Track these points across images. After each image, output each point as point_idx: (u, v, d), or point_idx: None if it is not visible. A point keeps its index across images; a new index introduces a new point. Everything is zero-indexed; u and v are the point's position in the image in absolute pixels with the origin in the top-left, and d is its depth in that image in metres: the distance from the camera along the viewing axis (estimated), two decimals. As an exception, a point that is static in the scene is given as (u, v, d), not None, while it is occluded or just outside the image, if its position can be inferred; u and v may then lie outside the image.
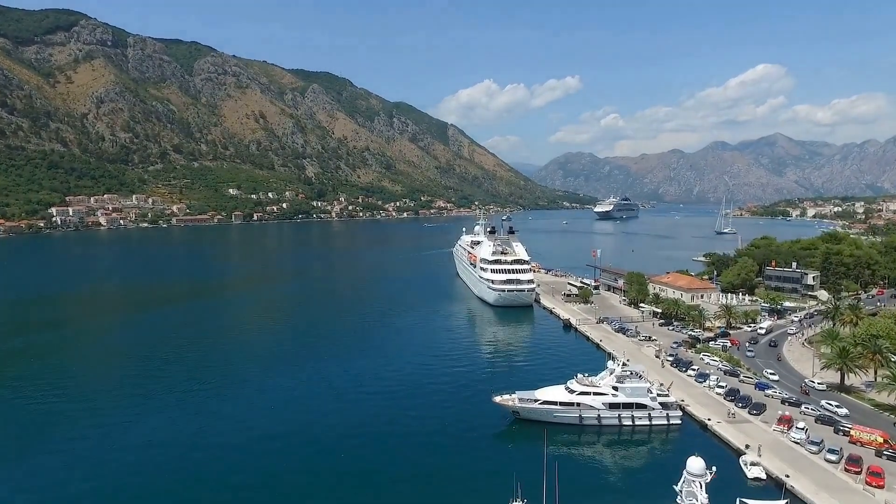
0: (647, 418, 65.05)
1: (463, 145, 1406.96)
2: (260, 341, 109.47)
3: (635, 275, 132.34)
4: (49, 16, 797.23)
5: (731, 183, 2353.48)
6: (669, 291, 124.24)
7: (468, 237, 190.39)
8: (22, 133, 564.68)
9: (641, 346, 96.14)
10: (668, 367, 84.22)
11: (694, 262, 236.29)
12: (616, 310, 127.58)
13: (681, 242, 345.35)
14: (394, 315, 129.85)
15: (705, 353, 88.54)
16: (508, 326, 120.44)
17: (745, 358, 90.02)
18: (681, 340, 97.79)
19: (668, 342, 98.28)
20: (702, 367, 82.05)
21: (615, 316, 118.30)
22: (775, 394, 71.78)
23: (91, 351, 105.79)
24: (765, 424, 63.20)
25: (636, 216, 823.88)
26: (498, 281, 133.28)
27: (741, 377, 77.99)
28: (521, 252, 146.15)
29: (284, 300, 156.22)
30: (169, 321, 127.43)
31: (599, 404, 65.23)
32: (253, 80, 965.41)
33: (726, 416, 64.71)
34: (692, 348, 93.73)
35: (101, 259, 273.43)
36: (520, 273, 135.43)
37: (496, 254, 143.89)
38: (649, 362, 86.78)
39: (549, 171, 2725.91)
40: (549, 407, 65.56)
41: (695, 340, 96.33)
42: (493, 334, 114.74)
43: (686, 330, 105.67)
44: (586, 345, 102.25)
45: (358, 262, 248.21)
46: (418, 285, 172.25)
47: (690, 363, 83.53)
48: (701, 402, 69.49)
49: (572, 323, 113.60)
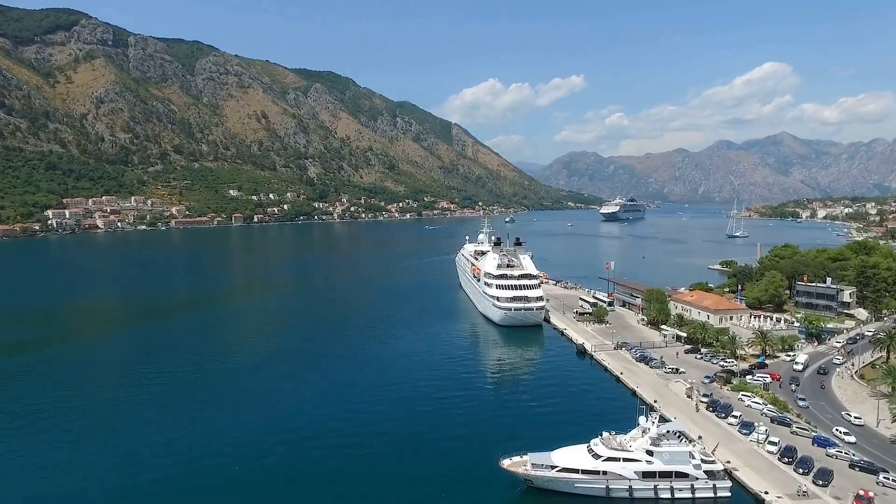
0: (689, 490, 53.63)
1: (467, 145, 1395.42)
2: (234, 369, 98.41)
3: (655, 291, 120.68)
4: (49, 15, 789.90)
5: (736, 182, 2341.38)
6: (694, 312, 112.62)
7: (471, 246, 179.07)
8: (20, 134, 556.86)
9: (669, 380, 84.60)
10: (703, 410, 72.74)
11: (710, 270, 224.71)
12: (634, 331, 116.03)
13: (693, 247, 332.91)
14: (390, 338, 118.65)
15: (744, 392, 76.86)
16: (515, 352, 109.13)
17: (790, 397, 78.10)
18: (713, 374, 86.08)
19: (698, 375, 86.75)
20: (744, 413, 70.41)
21: (634, 340, 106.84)
22: (841, 453, 59.91)
23: (89, 371, 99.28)
24: (837, 502, 51.57)
25: (642, 217, 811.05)
26: (504, 298, 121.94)
27: (794, 428, 66.26)
28: (528, 265, 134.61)
29: (275, 315, 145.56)
30: (159, 337, 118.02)
31: (631, 473, 53.86)
32: (255, 80, 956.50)
33: (789, 488, 52.64)
34: (727, 384, 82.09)
35: (93, 266, 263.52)
36: (528, 289, 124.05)
37: (502, 267, 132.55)
38: (680, 403, 75.37)
39: (554, 170, 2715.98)
40: (570, 476, 54.15)
41: (729, 374, 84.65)
42: (498, 363, 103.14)
43: (717, 359, 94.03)
44: (604, 377, 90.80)
45: (356, 269, 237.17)
46: (418, 299, 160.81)
47: (730, 407, 71.91)
48: (752, 466, 57.84)
49: (587, 349, 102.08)
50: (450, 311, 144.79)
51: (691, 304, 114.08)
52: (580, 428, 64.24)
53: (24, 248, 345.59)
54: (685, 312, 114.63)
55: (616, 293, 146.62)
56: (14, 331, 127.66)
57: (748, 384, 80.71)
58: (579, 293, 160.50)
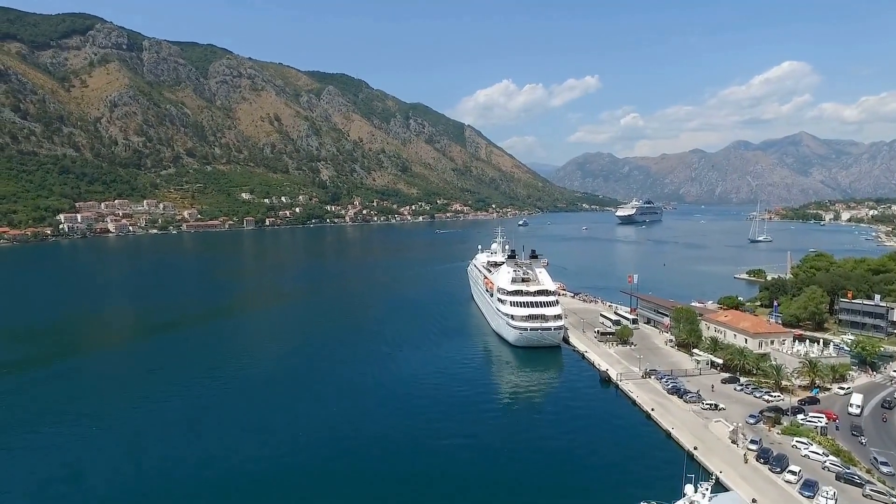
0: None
1: (480, 146, 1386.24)
2: (227, 387, 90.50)
3: (684, 310, 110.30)
4: (65, 20, 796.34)
5: (754, 183, 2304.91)
6: (729, 334, 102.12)
7: (484, 256, 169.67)
8: (34, 138, 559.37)
9: (708, 419, 74.54)
10: (752, 461, 62.75)
11: (736, 280, 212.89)
12: (662, 354, 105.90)
13: (715, 253, 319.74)
14: (395, 360, 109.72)
15: (798, 438, 66.65)
16: (531, 377, 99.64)
17: (855, 447, 67.26)
18: (759, 412, 75.76)
19: (741, 413, 76.58)
20: (803, 467, 60.20)
21: (664, 366, 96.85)
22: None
23: (101, 385, 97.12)
24: None
25: (659, 220, 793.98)
26: (519, 317, 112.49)
27: (867, 490, 55.95)
28: (545, 280, 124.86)
29: (275, 333, 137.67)
30: (169, 350, 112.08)
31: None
32: (268, 83, 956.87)
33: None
34: (776, 425, 71.89)
35: (102, 273, 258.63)
36: (545, 307, 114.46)
37: (516, 282, 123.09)
38: (724, 451, 65.44)
39: (568, 171, 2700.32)
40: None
41: (778, 413, 74.38)
42: (511, 391, 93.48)
43: (759, 392, 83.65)
44: (633, 412, 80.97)
45: (364, 278, 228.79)
46: (427, 314, 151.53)
47: (784, 458, 61.73)
48: (822, 544, 48.17)
49: (611, 376, 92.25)
50: (460, 328, 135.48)
51: (726, 326, 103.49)
52: (608, 480, 54.85)
53: (35, 253, 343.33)
54: (719, 334, 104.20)
55: (640, 308, 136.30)
56: (21, 344, 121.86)
57: (802, 427, 70.38)
58: (600, 308, 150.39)
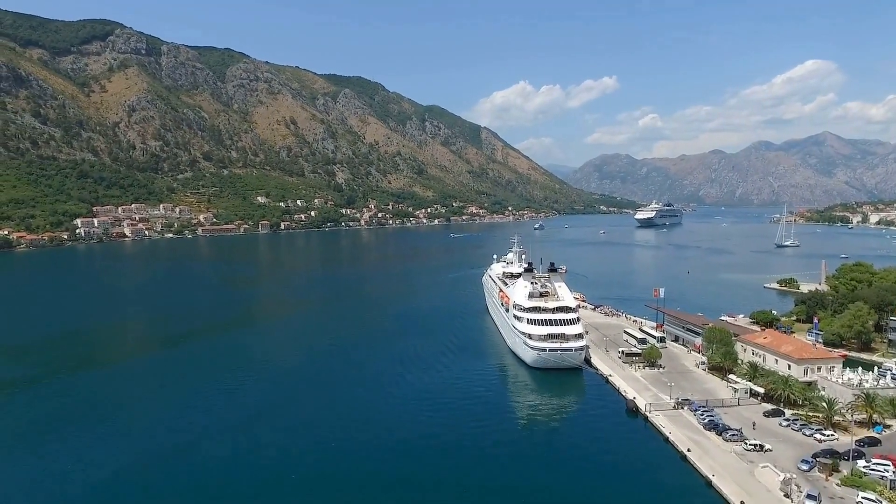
0: None
1: (496, 148, 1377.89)
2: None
3: (717, 330, 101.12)
4: (86, 26, 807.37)
5: (776, 184, 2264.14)
6: (769, 359, 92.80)
7: (499, 266, 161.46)
8: (54, 143, 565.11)
9: (753, 463, 65.76)
10: (810, 520, 54.19)
11: (766, 290, 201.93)
12: (694, 379, 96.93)
13: (741, 260, 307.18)
14: (403, 383, 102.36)
15: (864, 493, 57.57)
16: (550, 404, 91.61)
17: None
18: (811, 456, 66.66)
19: (791, 457, 67.60)
20: (872, 532, 51.61)
21: (697, 393, 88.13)
22: None
23: (116, 399, 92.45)
24: None
25: (680, 223, 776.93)
26: (536, 336, 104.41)
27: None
28: (565, 295, 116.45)
29: (279, 349, 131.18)
30: (180, 362, 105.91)
31: None
32: (284, 86, 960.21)
33: None
34: (834, 472, 62.89)
35: (115, 279, 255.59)
36: (566, 325, 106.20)
37: (534, 297, 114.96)
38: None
39: (585, 173, 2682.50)
40: None
41: (834, 458, 65.31)
42: (528, 419, 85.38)
43: (809, 429, 74.40)
44: (665, 451, 72.46)
45: (375, 287, 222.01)
46: (438, 328, 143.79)
47: (849, 519, 53.20)
48: None
49: (639, 406, 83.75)
50: (474, 345, 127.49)
51: (766, 349, 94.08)
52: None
53: (51, 258, 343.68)
54: (757, 358, 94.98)
55: (667, 324, 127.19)
56: (36, 356, 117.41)
57: (866, 477, 61.29)
58: (623, 322, 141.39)
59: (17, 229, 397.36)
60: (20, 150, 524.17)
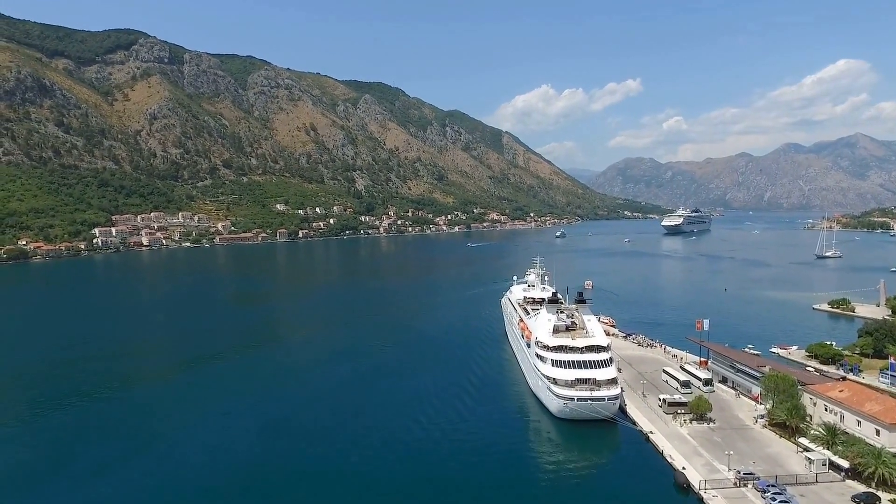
0: None
1: (518, 153, 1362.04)
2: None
3: (779, 379, 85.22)
4: (110, 36, 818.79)
5: (806, 188, 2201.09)
6: (848, 418, 76.81)
7: (519, 289, 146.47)
8: (76, 151, 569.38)
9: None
10: None
11: (815, 311, 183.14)
12: (754, 440, 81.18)
13: (780, 274, 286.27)
14: (409, 431, 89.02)
15: None
16: (577, 465, 77.28)
17: None
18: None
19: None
20: None
21: (759, 459, 72.92)
22: None
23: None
24: None
25: (708, 229, 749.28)
26: (562, 381, 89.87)
27: None
28: (595, 330, 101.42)
29: (290, 371, 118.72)
30: (179, 391, 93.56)
31: None
32: (305, 93, 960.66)
33: None
34: None
35: (127, 295, 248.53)
36: (597, 368, 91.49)
37: (559, 333, 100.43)
38: None
39: (608, 177, 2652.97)
40: None
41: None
42: (549, 484, 71.49)
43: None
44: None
45: (390, 305, 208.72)
46: (454, 359, 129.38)
47: None
48: None
49: (691, 482, 68.72)
50: (491, 384, 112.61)
51: (845, 408, 77.89)
52: None
53: (65, 269, 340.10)
54: (832, 415, 79.07)
55: (713, 361, 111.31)
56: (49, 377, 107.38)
57: None
58: (659, 355, 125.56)
59: (35, 239, 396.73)
60: (43, 159, 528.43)
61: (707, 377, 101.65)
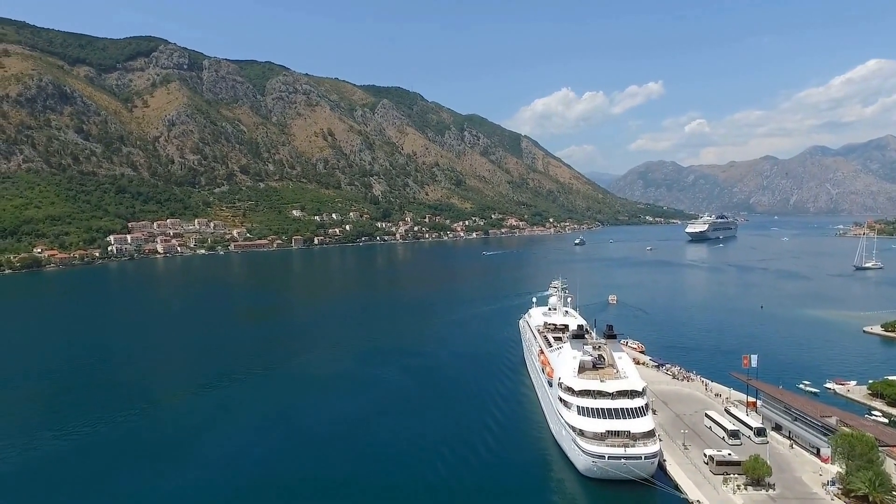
0: None
1: (537, 157, 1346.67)
2: None
3: (854, 438, 71.51)
4: (131, 43, 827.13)
5: (833, 191, 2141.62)
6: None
7: (539, 313, 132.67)
8: (95, 158, 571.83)
9: None
10: None
11: (866, 334, 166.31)
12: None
13: (819, 288, 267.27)
14: (412, 483, 77.03)
15: None
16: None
17: None
18: None
19: None
20: None
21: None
22: None
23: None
24: None
25: (734, 236, 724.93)
26: (590, 434, 76.91)
27: None
28: (628, 370, 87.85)
29: (286, 405, 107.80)
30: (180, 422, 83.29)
31: None
32: (323, 98, 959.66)
33: None
34: None
35: (137, 310, 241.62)
36: (631, 418, 78.36)
37: (586, 373, 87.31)
38: None
39: (628, 181, 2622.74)
40: None
41: None
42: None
43: None
44: None
45: (401, 324, 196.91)
46: (466, 394, 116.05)
47: None
48: None
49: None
50: (506, 427, 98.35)
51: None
52: None
53: (78, 278, 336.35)
54: (922, 486, 65.26)
55: (763, 404, 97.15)
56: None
57: None
58: (699, 391, 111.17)
59: (50, 247, 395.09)
60: (62, 165, 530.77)
61: (759, 426, 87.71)
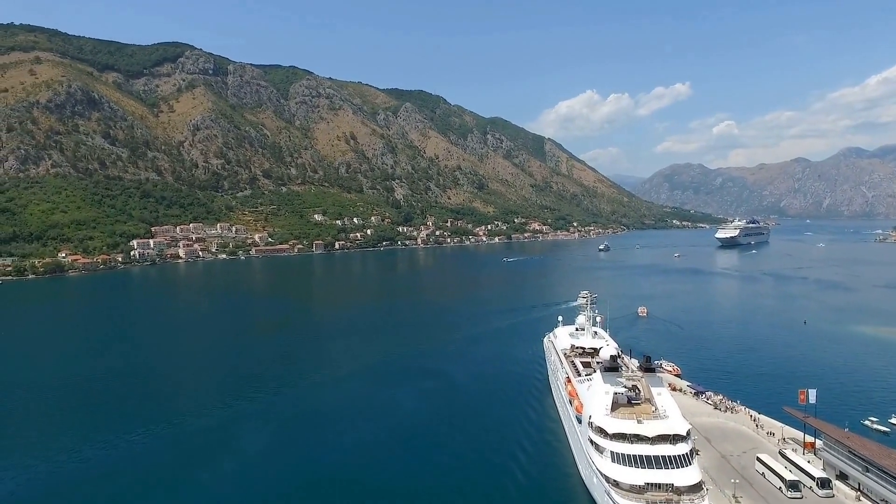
0: None
1: (561, 160, 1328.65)
2: None
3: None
4: (158, 49, 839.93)
5: (869, 194, 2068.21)
6: None
7: (565, 334, 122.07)
8: (121, 163, 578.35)
9: None
10: None
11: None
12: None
13: (866, 300, 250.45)
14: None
15: None
16: None
17: None
18: None
19: None
20: None
21: None
22: None
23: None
24: None
25: (767, 242, 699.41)
26: (627, 486, 67.16)
27: None
28: (670, 409, 77.31)
29: (292, 438, 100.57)
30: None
31: None
32: (346, 102, 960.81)
33: None
34: None
35: (162, 313, 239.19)
36: (674, 468, 68.32)
37: (620, 412, 77.42)
38: None
39: (654, 184, 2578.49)
40: None
41: None
42: None
43: None
44: None
45: (415, 340, 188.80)
46: (484, 424, 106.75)
47: None
48: None
49: None
50: (530, 466, 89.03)
51: None
52: None
53: (101, 283, 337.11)
54: None
55: (825, 447, 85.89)
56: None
57: None
58: (745, 423, 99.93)
59: (74, 251, 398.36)
60: (88, 170, 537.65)
61: (823, 475, 76.67)
